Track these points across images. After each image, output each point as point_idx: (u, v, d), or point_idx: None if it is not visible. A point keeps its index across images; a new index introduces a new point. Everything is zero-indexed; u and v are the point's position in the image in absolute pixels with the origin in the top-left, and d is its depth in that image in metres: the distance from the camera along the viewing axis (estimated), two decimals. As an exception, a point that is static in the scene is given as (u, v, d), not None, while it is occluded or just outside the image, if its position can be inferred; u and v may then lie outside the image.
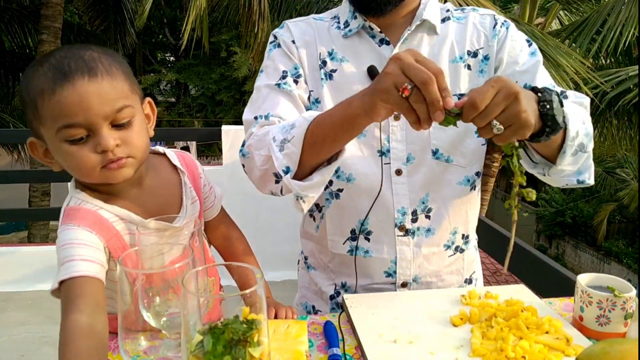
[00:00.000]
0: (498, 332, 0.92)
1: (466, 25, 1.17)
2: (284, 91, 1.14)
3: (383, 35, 1.15)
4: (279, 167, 0.98)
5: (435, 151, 1.15)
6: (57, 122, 0.83)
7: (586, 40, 6.89)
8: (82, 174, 0.89)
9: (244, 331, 0.63)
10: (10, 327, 3.09)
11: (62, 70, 0.82)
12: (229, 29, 14.68)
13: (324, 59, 1.17)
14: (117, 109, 0.85)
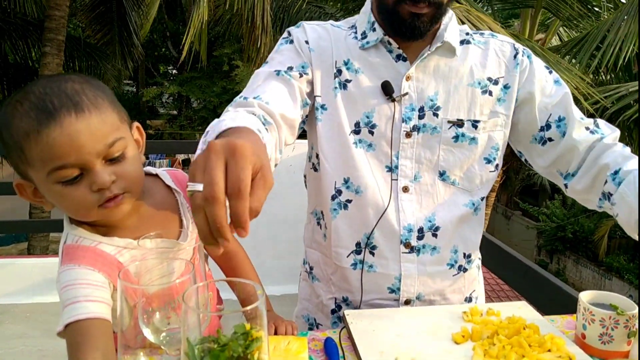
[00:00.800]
0: (500, 350, 0.91)
1: (487, 51, 1.18)
2: (282, 78, 1.11)
3: (401, 52, 1.14)
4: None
5: (443, 173, 1.15)
6: (48, 165, 0.78)
7: (586, 56, 6.92)
8: (78, 214, 0.85)
9: (245, 347, 0.62)
10: (8, 340, 3.06)
11: (46, 109, 0.77)
12: (231, 43, 14.76)
13: (339, 68, 1.16)
14: (109, 144, 0.81)
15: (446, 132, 1.14)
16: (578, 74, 6.36)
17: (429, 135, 1.14)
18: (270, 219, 3.61)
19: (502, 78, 1.16)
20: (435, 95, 1.14)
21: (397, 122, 1.13)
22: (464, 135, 1.14)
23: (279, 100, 1.07)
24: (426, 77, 1.14)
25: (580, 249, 14.96)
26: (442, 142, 1.14)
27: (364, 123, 1.14)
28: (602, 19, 7.67)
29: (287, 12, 7.02)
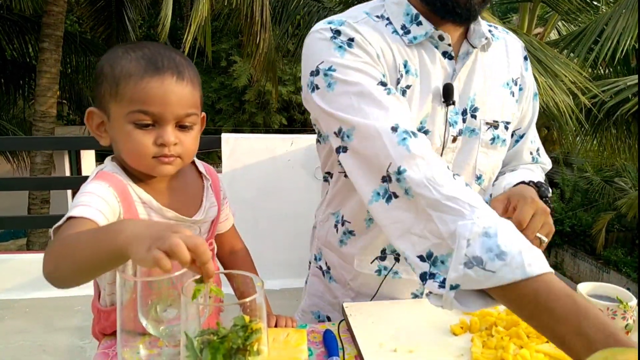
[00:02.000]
0: (498, 341, 0.92)
1: (507, 48, 1.15)
2: (396, 96, 0.97)
3: (450, 49, 1.05)
4: (451, 279, 0.80)
5: (479, 177, 1.13)
6: (134, 105, 0.89)
7: (584, 49, 6.91)
8: (133, 156, 0.93)
9: (244, 339, 0.63)
10: (8, 335, 3.07)
11: (155, 64, 0.90)
12: (229, 38, 14.73)
13: (401, 72, 1.02)
14: (187, 113, 0.93)
15: (484, 134, 1.09)
16: (576, 68, 6.35)
17: (467, 138, 1.09)
18: (270, 213, 3.61)
19: (519, 79, 1.16)
20: (474, 96, 1.08)
21: (447, 126, 1.06)
22: (498, 137, 1.11)
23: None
24: (468, 76, 1.08)
25: (578, 242, 15.01)
26: (481, 145, 1.09)
27: (419, 129, 1.03)
28: (601, 12, 7.65)
29: (286, 8, 6.98)
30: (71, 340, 3.04)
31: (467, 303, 0.80)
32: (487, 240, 0.78)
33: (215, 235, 1.15)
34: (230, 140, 3.60)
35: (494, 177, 1.16)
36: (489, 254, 0.77)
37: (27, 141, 5.15)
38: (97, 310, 1.04)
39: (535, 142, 1.23)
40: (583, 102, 6.28)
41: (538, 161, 1.24)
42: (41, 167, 6.72)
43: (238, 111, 16.38)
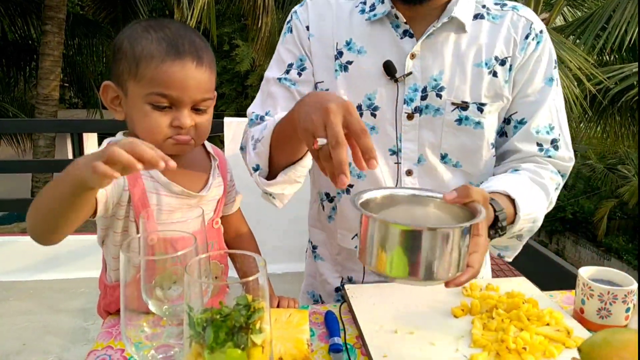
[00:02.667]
0: (499, 323, 0.92)
1: (500, 27, 1.10)
2: (284, 87, 1.14)
3: (408, 27, 1.08)
4: (250, 164, 1.02)
5: (444, 155, 1.11)
6: (153, 87, 0.91)
7: (591, 36, 6.86)
8: (147, 135, 0.95)
9: (247, 317, 0.63)
10: (12, 317, 3.11)
11: (177, 47, 0.92)
12: (231, 22, 14.63)
13: (340, 50, 1.12)
14: (203, 98, 0.96)
15: (449, 114, 1.08)
16: (582, 54, 6.31)
17: (431, 117, 1.09)
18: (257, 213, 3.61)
19: (510, 57, 1.09)
20: (439, 75, 1.08)
21: (400, 103, 1.08)
22: (467, 118, 1.09)
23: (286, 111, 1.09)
24: (432, 55, 1.08)
25: (580, 229, 15.03)
26: (445, 125, 1.09)
27: (366, 105, 1.10)
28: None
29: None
30: (75, 322, 3.07)
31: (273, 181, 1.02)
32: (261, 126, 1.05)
33: (222, 218, 1.16)
34: (232, 125, 3.59)
35: (470, 159, 1.12)
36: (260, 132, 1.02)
37: (30, 124, 5.15)
38: (104, 286, 1.06)
39: (549, 133, 1.11)
40: (588, 88, 6.24)
41: (551, 155, 1.12)
42: (44, 150, 6.74)
43: (240, 96, 16.33)
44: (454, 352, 0.87)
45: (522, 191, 1.00)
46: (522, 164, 1.12)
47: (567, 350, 0.87)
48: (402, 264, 0.73)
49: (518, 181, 1.04)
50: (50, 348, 2.80)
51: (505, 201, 0.96)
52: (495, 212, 0.91)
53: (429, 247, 0.71)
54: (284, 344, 0.84)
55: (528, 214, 0.98)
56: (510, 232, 0.99)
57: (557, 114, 1.12)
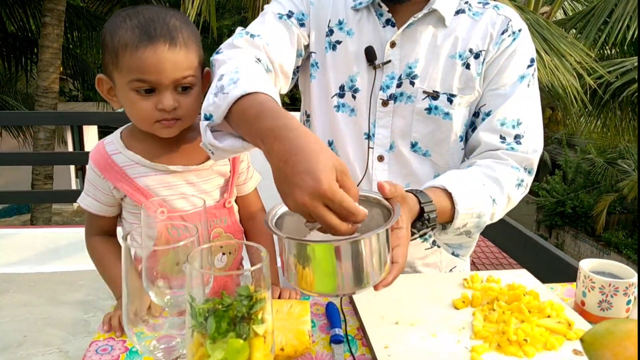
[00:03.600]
0: (500, 315, 0.92)
1: (478, 23, 1.11)
2: (285, 23, 1.12)
3: (390, 16, 1.12)
4: (204, 109, 0.91)
5: (414, 144, 1.13)
6: (132, 75, 0.95)
7: (593, 30, 6.83)
8: (138, 121, 1.02)
9: (249, 307, 0.63)
10: (13, 308, 3.11)
11: (148, 33, 0.94)
12: (231, 14, 14.59)
13: (332, 27, 1.14)
14: (183, 76, 0.97)
15: (420, 103, 1.10)
16: (582, 48, 6.28)
17: (403, 104, 1.12)
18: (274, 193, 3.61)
19: (484, 52, 1.10)
20: (414, 63, 1.10)
21: (377, 89, 1.11)
22: (437, 108, 1.10)
23: (280, 46, 1.09)
24: (411, 44, 1.11)
25: (580, 224, 15.04)
26: (415, 112, 1.11)
27: (348, 87, 1.13)
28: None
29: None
30: (75, 314, 3.08)
31: (220, 138, 0.89)
32: (234, 74, 0.90)
33: (238, 197, 1.19)
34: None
35: (439, 148, 1.13)
36: (230, 81, 0.88)
37: (30, 116, 5.14)
38: None
39: (515, 127, 1.09)
40: (588, 82, 6.23)
41: (514, 148, 1.09)
42: (44, 142, 6.72)
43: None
44: (456, 343, 0.87)
45: (463, 185, 1.00)
46: (479, 160, 1.10)
47: (568, 342, 0.87)
48: (326, 279, 0.72)
49: (462, 176, 1.04)
50: (51, 340, 2.81)
51: (440, 195, 0.97)
52: (421, 204, 0.92)
53: (348, 258, 0.71)
54: (286, 335, 0.84)
55: (469, 209, 0.99)
56: (454, 228, 1.00)
57: (528, 111, 1.11)
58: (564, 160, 15.57)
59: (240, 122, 0.84)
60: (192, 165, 1.07)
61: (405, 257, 0.81)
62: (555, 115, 10.09)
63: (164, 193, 1.05)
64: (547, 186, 15.33)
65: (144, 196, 1.03)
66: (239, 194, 1.19)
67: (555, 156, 15.94)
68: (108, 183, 1.04)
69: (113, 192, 1.05)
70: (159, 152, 1.06)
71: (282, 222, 0.81)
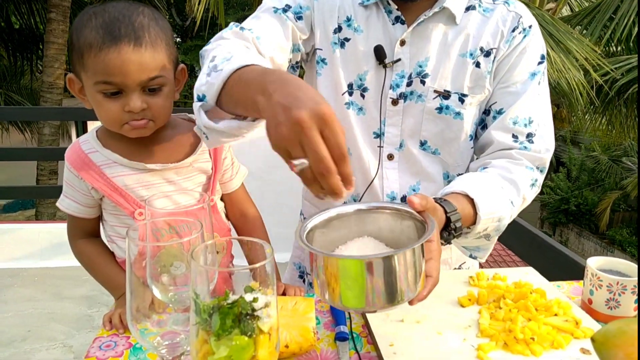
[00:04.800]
0: (507, 313, 0.92)
1: (489, 20, 1.09)
2: (279, 17, 1.09)
3: (399, 13, 1.09)
4: (197, 89, 0.89)
5: (424, 142, 1.13)
6: (97, 76, 0.92)
7: (598, 26, 6.79)
8: (108, 124, 0.99)
9: (253, 304, 0.62)
10: (17, 303, 3.12)
11: (112, 33, 0.90)
12: (235, 11, 14.57)
13: (340, 24, 1.11)
14: (151, 77, 0.94)
15: (430, 102, 1.09)
16: (589, 45, 6.25)
17: (414, 103, 1.10)
18: (275, 187, 3.61)
19: (495, 50, 1.09)
20: (425, 62, 1.09)
21: (386, 88, 1.10)
22: (448, 107, 1.09)
23: (272, 40, 1.05)
24: (421, 42, 1.09)
25: (584, 221, 14.99)
26: (426, 112, 1.10)
27: (357, 85, 1.12)
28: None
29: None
30: (79, 309, 3.08)
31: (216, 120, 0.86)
32: (227, 54, 0.88)
33: (224, 195, 1.18)
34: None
35: (448, 148, 1.13)
36: (223, 60, 0.86)
37: (35, 111, 5.15)
38: None
39: (527, 126, 1.08)
40: (594, 78, 6.19)
41: (527, 147, 1.08)
42: (49, 138, 6.74)
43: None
44: (462, 341, 0.86)
45: (484, 190, 0.98)
46: (494, 160, 1.09)
47: (575, 340, 0.86)
48: (360, 296, 0.70)
49: (481, 180, 1.02)
50: (55, 335, 2.82)
51: (463, 201, 0.95)
52: (447, 214, 0.90)
53: (382, 274, 0.69)
54: (290, 332, 0.84)
55: (491, 213, 0.97)
56: (475, 233, 0.99)
57: (539, 109, 1.10)
58: (568, 158, 15.51)
59: (235, 89, 0.81)
60: (170, 162, 1.04)
61: (439, 271, 0.80)
62: (560, 112, 10.05)
63: (143, 193, 1.02)
64: (552, 184, 15.28)
65: (122, 197, 1.02)
66: (225, 191, 1.18)
67: (559, 153, 15.87)
68: (86, 183, 1.02)
69: (91, 193, 1.03)
70: (136, 150, 1.03)
71: (312, 237, 0.79)
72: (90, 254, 1.09)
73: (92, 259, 1.09)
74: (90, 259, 1.09)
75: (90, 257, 1.09)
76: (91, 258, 1.09)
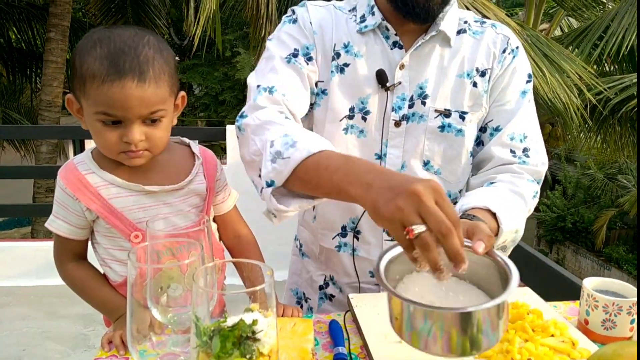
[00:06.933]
0: (504, 334, 0.92)
1: (480, 42, 1.15)
2: (294, 66, 1.11)
3: (397, 38, 1.13)
4: (264, 177, 0.93)
5: (427, 162, 1.15)
6: (98, 107, 0.93)
7: (588, 45, 6.88)
8: (103, 150, 1.00)
9: (254, 327, 0.63)
10: (12, 322, 3.10)
11: (117, 67, 0.90)
12: (233, 30, 14.69)
13: (337, 51, 1.14)
14: (152, 111, 0.95)
15: (432, 121, 1.13)
16: (581, 64, 6.32)
17: (416, 124, 1.13)
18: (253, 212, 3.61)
19: (489, 70, 1.14)
20: (425, 83, 1.12)
21: (389, 110, 1.12)
22: (450, 125, 1.13)
23: (295, 94, 1.09)
24: (419, 65, 1.12)
25: (580, 239, 14.98)
26: (428, 131, 1.13)
27: (359, 109, 1.13)
28: (607, 9, 7.61)
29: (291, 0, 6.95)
30: (75, 328, 3.06)
31: (285, 202, 0.93)
32: (286, 138, 0.92)
33: (217, 217, 1.19)
34: (235, 132, 3.60)
35: (450, 166, 1.16)
36: (285, 146, 0.90)
37: (33, 130, 5.16)
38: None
39: (522, 141, 1.13)
40: (588, 98, 6.25)
41: (525, 161, 1.13)
42: (46, 156, 6.74)
43: (242, 102, 16.33)
44: (459, 362, 0.86)
45: (502, 204, 1.00)
46: (498, 175, 1.12)
47: (572, 361, 0.87)
48: (445, 344, 0.69)
49: (496, 194, 1.05)
50: (50, 354, 2.79)
51: (486, 216, 0.97)
52: None
53: (474, 325, 0.68)
54: (289, 353, 0.84)
55: (511, 226, 0.99)
56: (495, 246, 0.99)
57: (530, 125, 1.16)
58: (564, 176, 15.56)
59: (313, 176, 0.87)
60: (167, 185, 1.05)
61: None
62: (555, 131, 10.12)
63: (139, 215, 1.03)
64: (548, 201, 15.30)
65: (118, 219, 1.02)
66: (218, 212, 1.19)
67: (555, 171, 15.93)
68: (80, 204, 1.01)
69: (85, 214, 1.02)
70: (133, 172, 1.03)
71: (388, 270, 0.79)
72: (82, 277, 1.08)
73: (84, 282, 1.08)
74: (83, 282, 1.08)
75: (83, 280, 1.08)
76: (84, 282, 1.08)
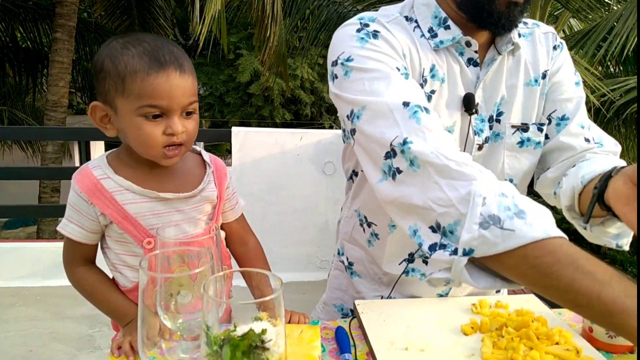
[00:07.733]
0: (509, 341, 0.93)
1: (535, 43, 1.10)
2: (412, 81, 0.96)
3: (476, 56, 1.03)
4: (465, 242, 0.78)
5: (510, 181, 1.10)
6: (142, 101, 0.95)
7: (592, 46, 6.86)
8: (143, 147, 1.00)
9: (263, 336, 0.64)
10: (19, 323, 3.12)
11: (159, 59, 0.95)
12: (238, 30, 14.70)
13: (425, 77, 1.01)
14: (191, 102, 0.99)
15: (510, 138, 1.07)
16: (586, 67, 6.31)
17: (493, 143, 1.08)
18: (278, 208, 3.63)
19: (548, 70, 1.11)
20: (500, 101, 1.07)
21: (471, 134, 1.05)
22: (529, 140, 1.08)
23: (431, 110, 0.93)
24: (493, 81, 1.06)
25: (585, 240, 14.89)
26: (506, 149, 1.08)
27: None
28: (612, 10, 7.58)
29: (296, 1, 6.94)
30: (81, 329, 3.08)
31: (476, 278, 0.79)
32: (504, 199, 0.76)
33: (225, 225, 1.20)
34: (240, 134, 3.62)
35: (526, 179, 1.13)
36: (507, 212, 0.75)
37: (39, 131, 5.18)
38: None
39: (589, 129, 1.09)
40: (592, 100, 6.24)
41: (602, 145, 1.07)
42: (52, 156, 6.77)
43: (246, 104, 16.37)
44: (465, 370, 0.87)
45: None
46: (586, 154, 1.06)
47: (576, 370, 0.87)
48: None
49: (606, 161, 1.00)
50: (57, 355, 2.81)
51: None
52: None
53: None
54: (297, 360, 0.85)
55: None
56: None
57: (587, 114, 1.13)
58: (569, 177, 15.51)
59: (540, 264, 0.73)
60: (181, 192, 1.06)
61: None
62: (560, 132, 10.07)
63: (153, 221, 1.04)
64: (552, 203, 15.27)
65: (132, 224, 1.03)
66: (226, 220, 1.20)
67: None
68: (95, 209, 1.02)
69: (99, 219, 1.03)
70: (148, 178, 1.05)
71: None
72: (92, 282, 1.09)
73: (94, 287, 1.09)
74: (93, 287, 1.09)
75: (93, 285, 1.09)
76: (94, 286, 1.09)
